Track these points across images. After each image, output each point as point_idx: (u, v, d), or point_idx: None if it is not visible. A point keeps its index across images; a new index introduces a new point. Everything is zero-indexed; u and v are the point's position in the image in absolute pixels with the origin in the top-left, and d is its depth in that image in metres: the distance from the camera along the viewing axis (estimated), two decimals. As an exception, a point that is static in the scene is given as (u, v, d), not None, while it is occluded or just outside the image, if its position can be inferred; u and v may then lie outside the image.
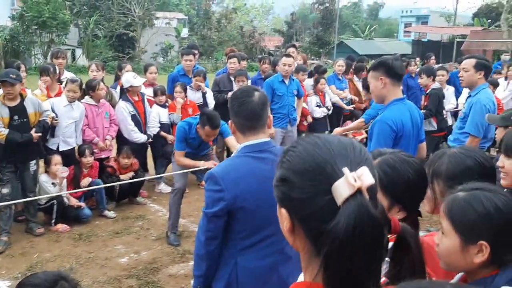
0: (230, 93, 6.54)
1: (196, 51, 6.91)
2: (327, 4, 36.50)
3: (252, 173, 1.99)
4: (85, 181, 5.29)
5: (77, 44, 30.50)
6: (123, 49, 29.82)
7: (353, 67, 8.42)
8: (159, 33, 31.20)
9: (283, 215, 0.91)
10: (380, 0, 67.16)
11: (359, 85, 8.11)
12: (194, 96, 6.43)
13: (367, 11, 69.91)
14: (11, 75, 4.47)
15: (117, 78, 6.56)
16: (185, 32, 36.62)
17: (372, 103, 6.39)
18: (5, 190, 4.66)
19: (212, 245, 2.05)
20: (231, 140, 4.58)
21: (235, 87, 6.63)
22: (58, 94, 5.59)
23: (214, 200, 2.00)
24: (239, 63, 6.81)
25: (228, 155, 7.08)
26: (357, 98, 8.02)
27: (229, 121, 2.12)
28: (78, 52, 29.72)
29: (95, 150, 5.54)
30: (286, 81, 6.18)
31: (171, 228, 4.76)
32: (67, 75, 6.23)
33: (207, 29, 33.27)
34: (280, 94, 6.14)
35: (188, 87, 6.29)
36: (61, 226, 5.03)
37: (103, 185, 5.30)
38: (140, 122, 5.92)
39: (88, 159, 5.36)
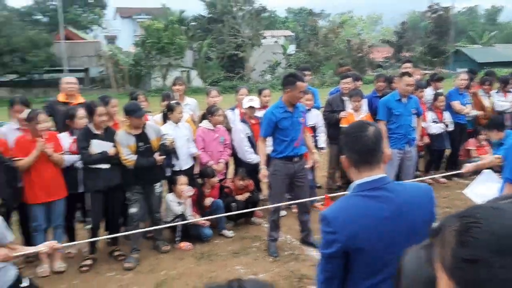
0: (342, 113, 6.45)
1: (308, 73, 6.91)
2: (441, 12, 34.61)
3: (366, 214, 1.90)
4: (207, 200, 5.54)
5: (192, 66, 32.45)
6: (234, 69, 31.07)
7: (477, 80, 7.84)
8: (266, 52, 32.03)
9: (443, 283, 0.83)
10: (499, 4, 62.22)
11: (484, 99, 7.51)
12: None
13: (484, 16, 65.12)
14: (139, 110, 4.90)
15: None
16: (291, 49, 37.16)
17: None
18: (133, 210, 5.05)
19: (332, 284, 1.99)
20: None
21: (348, 107, 6.52)
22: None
23: (328, 241, 1.95)
24: (354, 82, 6.69)
25: (342, 176, 6.97)
26: (482, 113, 7.43)
27: (342, 157, 2.06)
28: (193, 73, 31.58)
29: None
30: (404, 100, 5.91)
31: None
32: (188, 100, 6.62)
33: (313, 44, 33.40)
34: (398, 113, 5.89)
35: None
36: (184, 244, 5.30)
37: (243, 211, 5.49)
38: (254, 144, 6.06)
39: (215, 179, 5.61)
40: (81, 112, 4.93)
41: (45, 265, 4.76)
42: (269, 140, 5.05)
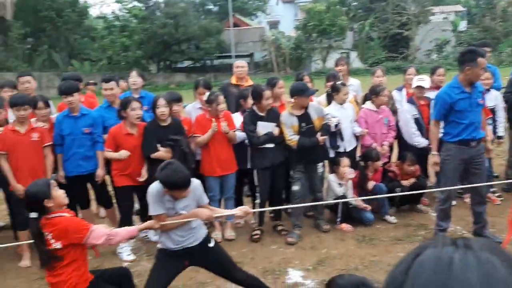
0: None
1: (488, 48, 6.18)
2: None
3: None
4: (370, 184, 5.43)
5: (351, 47, 31.88)
6: (397, 48, 29.63)
7: None
8: (434, 29, 29.74)
9: None
10: None
11: None
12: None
13: None
14: (306, 89, 4.98)
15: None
16: (463, 25, 33.87)
17: None
18: (295, 187, 5.20)
19: None
20: None
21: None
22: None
23: None
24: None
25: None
26: None
27: None
28: (352, 55, 31.02)
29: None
30: None
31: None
32: (351, 81, 6.51)
33: (489, 19, 29.91)
34: None
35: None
36: (345, 226, 5.30)
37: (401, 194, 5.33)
38: (422, 126, 5.70)
39: (379, 163, 5.47)
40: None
41: (217, 232, 5.23)
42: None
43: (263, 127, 5.04)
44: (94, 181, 5.08)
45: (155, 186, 3.33)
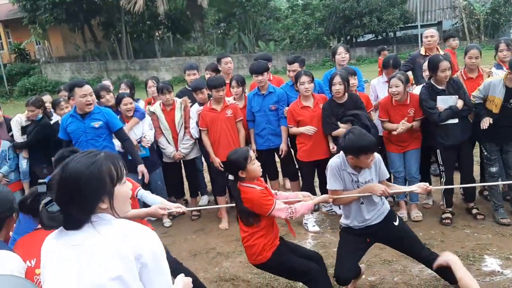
0: None
1: None
2: None
3: None
4: None
5: None
6: None
7: None
8: None
9: None
10: None
11: None
12: None
13: None
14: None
15: None
16: None
17: None
18: (493, 169, 4.73)
19: None
20: None
21: None
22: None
23: None
24: None
25: None
26: None
27: None
28: None
29: None
30: None
31: None
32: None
33: None
34: None
35: None
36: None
37: None
38: None
39: None
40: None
41: (403, 211, 5.07)
42: None
43: (444, 101, 4.62)
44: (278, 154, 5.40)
45: (336, 160, 3.37)
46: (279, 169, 5.79)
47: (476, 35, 26.88)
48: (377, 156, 3.37)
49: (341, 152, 3.37)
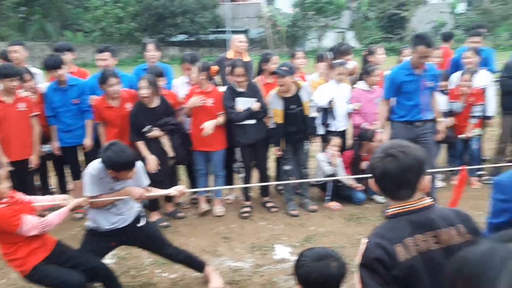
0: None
1: (483, 30, 6.15)
2: None
3: None
4: (364, 164, 5.43)
5: (348, 27, 31.61)
6: (393, 29, 29.41)
7: None
8: (432, 11, 29.53)
9: None
10: None
11: None
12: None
13: None
14: (282, 68, 4.90)
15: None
16: (461, 8, 33.62)
17: None
18: (287, 167, 5.24)
19: None
20: None
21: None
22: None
23: (498, 210, 1.76)
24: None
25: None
26: None
27: None
28: (348, 35, 30.79)
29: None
30: None
31: None
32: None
33: (489, 2, 29.70)
34: None
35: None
36: (333, 204, 5.33)
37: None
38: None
39: (374, 144, 5.42)
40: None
41: (203, 204, 5.29)
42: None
43: (243, 103, 4.99)
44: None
45: (95, 166, 3.30)
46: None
47: (278, 45, 29.63)
48: (138, 165, 3.45)
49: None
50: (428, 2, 30.49)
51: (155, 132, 4.79)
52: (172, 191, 3.64)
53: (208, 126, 4.95)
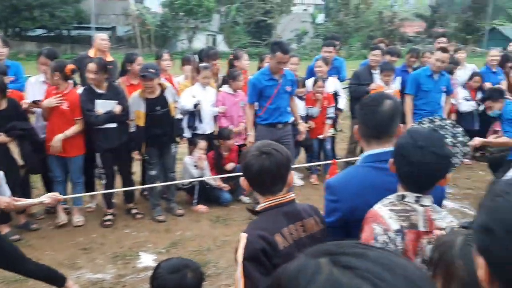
0: (372, 85, 6.22)
1: (337, 42, 6.73)
2: (480, -13, 33.17)
3: (372, 185, 1.87)
4: (230, 165, 5.52)
5: (218, 30, 32.09)
6: (260, 35, 30.62)
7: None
8: (295, 20, 31.41)
9: (479, 264, 0.86)
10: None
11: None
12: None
13: (526, -7, 62.12)
14: (150, 70, 4.79)
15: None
16: (321, 18, 36.34)
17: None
18: (153, 172, 5.09)
19: None
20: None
21: (376, 80, 6.33)
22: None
23: (330, 210, 1.93)
24: (383, 55, 6.47)
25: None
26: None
27: (355, 126, 2.04)
28: (219, 38, 31.27)
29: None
30: (435, 76, 5.73)
31: None
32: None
33: (343, 14, 32.53)
34: (426, 89, 5.72)
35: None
36: (201, 207, 5.35)
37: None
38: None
39: (231, 142, 5.53)
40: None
41: (62, 215, 4.90)
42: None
43: (103, 106, 4.75)
44: None
45: None
46: None
47: (147, 44, 28.88)
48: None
49: None
50: (292, 11, 32.33)
51: (1, 138, 4.31)
52: (44, 198, 3.29)
53: (56, 141, 4.61)
